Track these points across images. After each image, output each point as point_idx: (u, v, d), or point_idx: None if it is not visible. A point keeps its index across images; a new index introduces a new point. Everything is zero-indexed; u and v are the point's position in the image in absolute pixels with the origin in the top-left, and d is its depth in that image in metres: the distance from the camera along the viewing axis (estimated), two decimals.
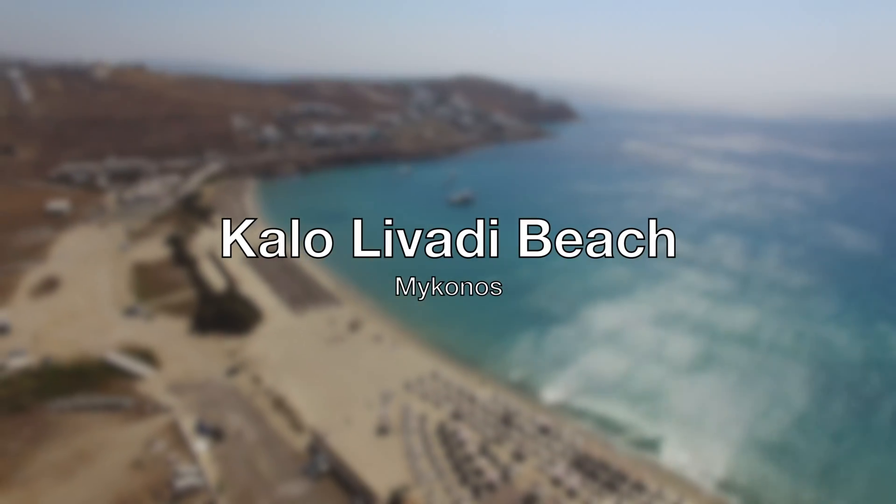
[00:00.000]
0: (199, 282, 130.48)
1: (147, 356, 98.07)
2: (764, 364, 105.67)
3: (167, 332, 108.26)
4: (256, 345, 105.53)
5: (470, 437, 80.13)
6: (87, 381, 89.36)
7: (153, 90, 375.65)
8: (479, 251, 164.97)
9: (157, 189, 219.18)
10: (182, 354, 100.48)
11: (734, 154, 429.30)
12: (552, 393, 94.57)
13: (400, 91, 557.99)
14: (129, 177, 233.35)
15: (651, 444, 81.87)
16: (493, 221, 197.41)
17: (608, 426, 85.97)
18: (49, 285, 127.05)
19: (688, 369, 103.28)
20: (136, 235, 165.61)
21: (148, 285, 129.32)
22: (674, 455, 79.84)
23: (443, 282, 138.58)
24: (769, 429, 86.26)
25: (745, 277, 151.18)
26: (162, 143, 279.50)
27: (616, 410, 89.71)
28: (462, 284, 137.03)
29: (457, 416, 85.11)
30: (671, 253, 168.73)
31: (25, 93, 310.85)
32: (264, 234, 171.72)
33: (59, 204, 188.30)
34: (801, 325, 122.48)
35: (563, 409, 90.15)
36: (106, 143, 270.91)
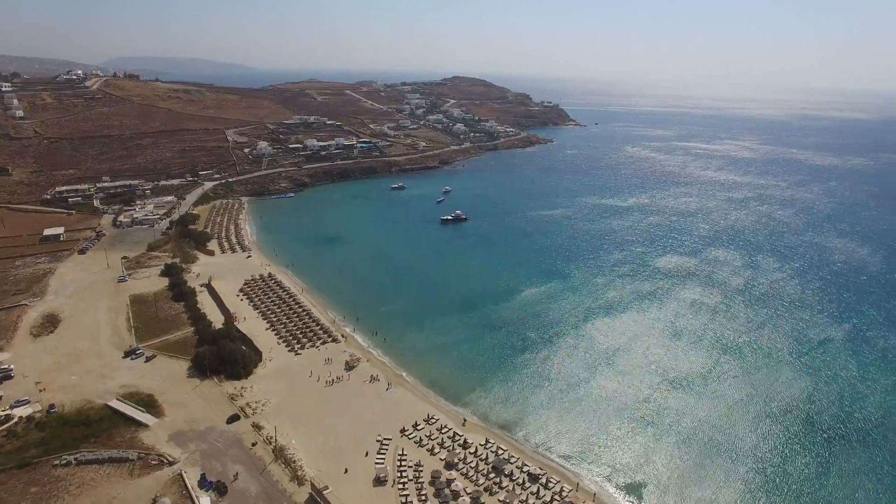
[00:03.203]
0: (196, 318, 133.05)
1: (149, 403, 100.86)
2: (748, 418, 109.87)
3: (167, 375, 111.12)
4: (256, 388, 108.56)
5: (463, 487, 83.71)
6: (92, 431, 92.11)
7: (146, 102, 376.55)
8: (472, 276, 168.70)
9: (151, 211, 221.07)
10: (183, 400, 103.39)
11: (734, 160, 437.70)
12: (540, 436, 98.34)
13: (392, 97, 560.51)
14: (124, 197, 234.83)
15: (636, 491, 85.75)
16: (486, 242, 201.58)
17: (594, 472, 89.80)
18: (49, 323, 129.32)
19: (678, 411, 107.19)
20: (133, 265, 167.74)
21: (147, 322, 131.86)
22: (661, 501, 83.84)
23: (436, 312, 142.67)
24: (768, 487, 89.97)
25: (745, 302, 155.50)
26: (156, 160, 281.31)
27: (602, 453, 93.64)
28: (454, 314, 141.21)
29: (450, 464, 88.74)
30: (670, 276, 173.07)
31: (17, 108, 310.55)
32: (260, 264, 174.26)
33: (55, 230, 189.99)
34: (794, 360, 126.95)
35: (550, 453, 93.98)
36: (100, 160, 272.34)
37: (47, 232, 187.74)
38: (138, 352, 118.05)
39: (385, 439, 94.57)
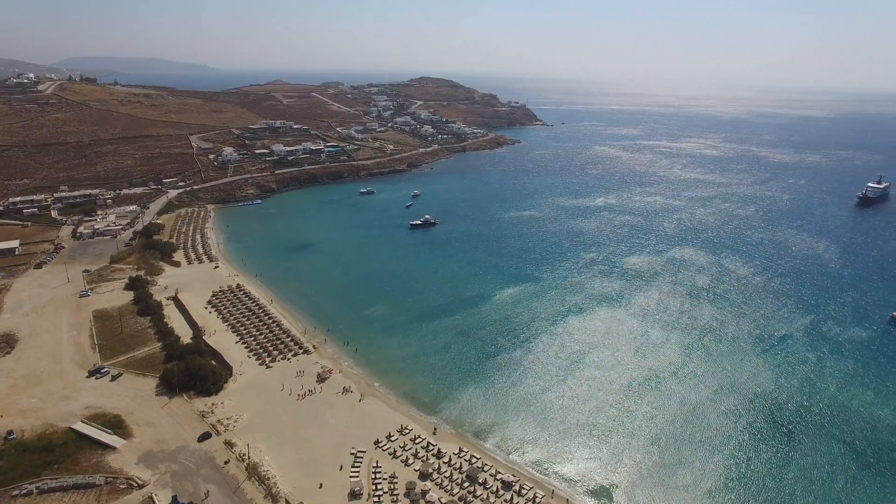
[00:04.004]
0: (164, 333, 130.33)
1: (116, 423, 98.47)
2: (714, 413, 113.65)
3: (135, 394, 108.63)
4: (227, 404, 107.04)
5: (438, 497, 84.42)
6: (55, 456, 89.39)
7: (104, 107, 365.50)
8: (443, 282, 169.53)
9: (114, 221, 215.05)
10: (152, 419, 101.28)
11: (698, 158, 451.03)
12: (513, 443, 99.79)
13: (359, 99, 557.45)
14: (84, 207, 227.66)
15: (607, 493, 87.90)
16: (457, 247, 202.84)
17: (567, 477, 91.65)
18: (5, 343, 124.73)
19: (648, 415, 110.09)
20: (95, 279, 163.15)
21: (111, 339, 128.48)
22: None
23: (407, 320, 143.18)
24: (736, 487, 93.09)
25: (710, 300, 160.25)
26: (117, 168, 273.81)
27: (575, 457, 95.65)
28: (426, 322, 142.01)
29: (424, 475, 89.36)
30: (635, 277, 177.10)
31: None
32: (228, 275, 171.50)
33: (8, 243, 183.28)
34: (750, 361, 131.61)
35: (523, 459, 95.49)
36: (57, 169, 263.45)
37: (0, 246, 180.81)
38: (103, 370, 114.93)
39: (359, 452, 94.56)
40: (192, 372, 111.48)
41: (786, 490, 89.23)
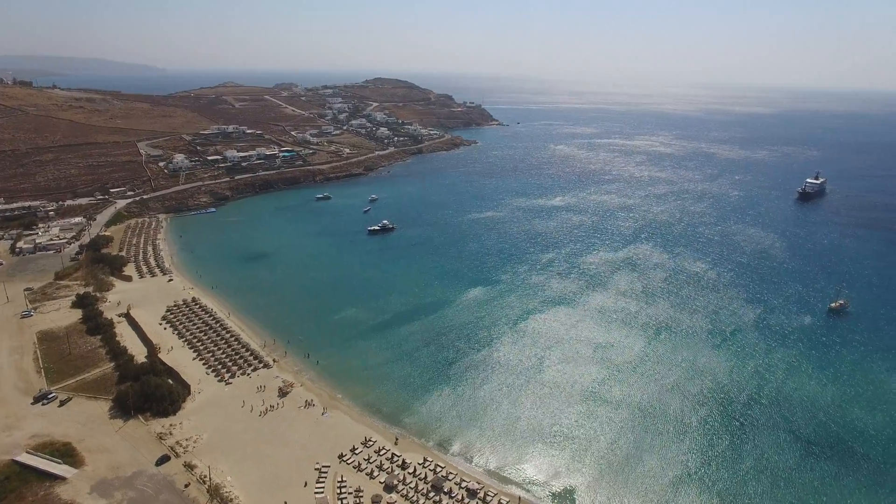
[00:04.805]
0: (116, 353, 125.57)
1: (66, 452, 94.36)
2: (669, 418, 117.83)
3: (86, 419, 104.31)
4: (186, 424, 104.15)
5: None
6: None
7: (42, 112, 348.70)
8: (403, 288, 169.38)
9: (57, 235, 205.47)
10: (106, 445, 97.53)
11: (652, 155, 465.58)
12: (477, 449, 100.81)
13: (314, 101, 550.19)
14: (23, 221, 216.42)
15: (570, 496, 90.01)
16: (416, 252, 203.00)
17: (531, 481, 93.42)
18: None
19: (609, 417, 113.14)
20: (39, 297, 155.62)
21: (59, 362, 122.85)
22: None
23: (368, 329, 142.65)
24: (706, 483, 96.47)
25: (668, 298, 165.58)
26: (59, 178, 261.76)
27: (538, 460, 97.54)
28: (387, 330, 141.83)
29: (389, 487, 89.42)
30: (593, 278, 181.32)
31: None
32: (182, 288, 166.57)
33: None
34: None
35: (488, 465, 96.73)
36: None
37: None
38: (50, 395, 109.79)
39: (324, 467, 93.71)
40: (147, 392, 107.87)
41: (739, 481, 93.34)
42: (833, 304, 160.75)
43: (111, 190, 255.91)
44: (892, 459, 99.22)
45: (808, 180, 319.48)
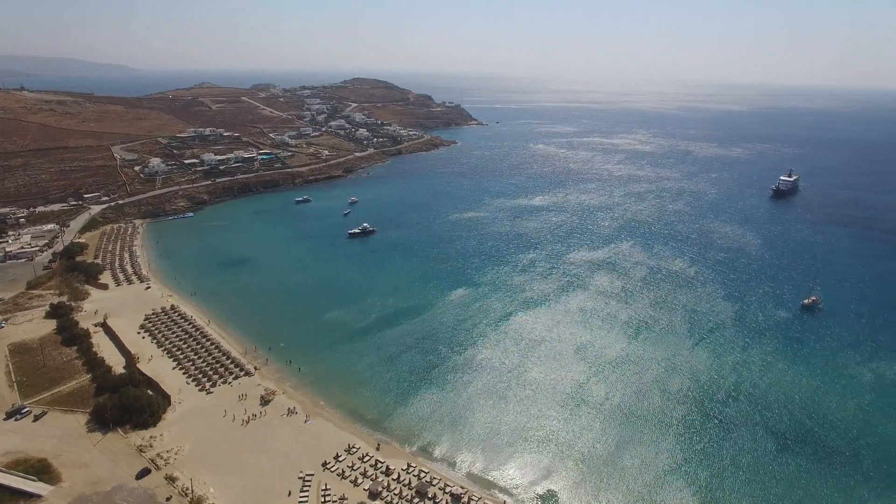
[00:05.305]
0: (93, 364, 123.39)
1: (41, 469, 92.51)
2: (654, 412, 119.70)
3: (63, 434, 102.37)
4: (166, 436, 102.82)
5: None
6: None
7: (10, 115, 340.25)
8: (385, 292, 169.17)
9: (29, 243, 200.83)
10: (83, 460, 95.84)
11: (631, 153, 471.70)
12: (461, 453, 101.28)
13: (292, 102, 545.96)
14: None
15: (553, 499, 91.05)
16: (397, 255, 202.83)
17: (515, 484, 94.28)
18: None
19: (593, 417, 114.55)
20: (10, 308, 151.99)
21: (32, 375, 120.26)
22: None
23: (350, 334, 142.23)
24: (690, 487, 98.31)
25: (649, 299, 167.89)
26: (29, 184, 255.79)
27: (519, 467, 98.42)
28: (369, 335, 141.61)
29: (374, 494, 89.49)
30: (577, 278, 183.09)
31: None
32: (161, 296, 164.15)
33: None
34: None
35: (472, 469, 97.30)
36: None
37: None
38: (24, 410, 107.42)
39: (307, 475, 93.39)
40: (126, 404, 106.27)
41: (717, 476, 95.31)
42: (806, 301, 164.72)
43: (85, 195, 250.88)
44: (862, 450, 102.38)
45: (782, 177, 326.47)
